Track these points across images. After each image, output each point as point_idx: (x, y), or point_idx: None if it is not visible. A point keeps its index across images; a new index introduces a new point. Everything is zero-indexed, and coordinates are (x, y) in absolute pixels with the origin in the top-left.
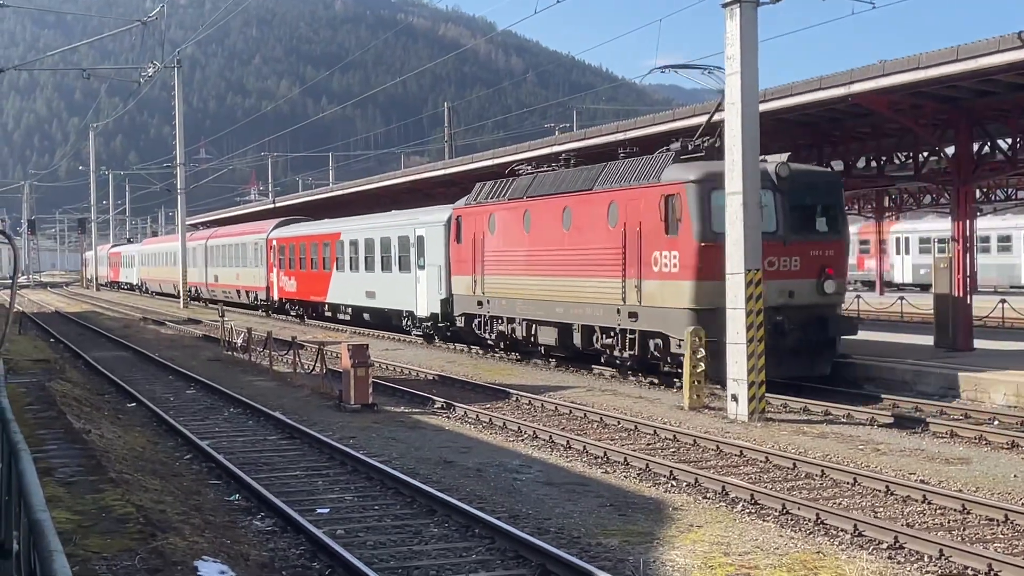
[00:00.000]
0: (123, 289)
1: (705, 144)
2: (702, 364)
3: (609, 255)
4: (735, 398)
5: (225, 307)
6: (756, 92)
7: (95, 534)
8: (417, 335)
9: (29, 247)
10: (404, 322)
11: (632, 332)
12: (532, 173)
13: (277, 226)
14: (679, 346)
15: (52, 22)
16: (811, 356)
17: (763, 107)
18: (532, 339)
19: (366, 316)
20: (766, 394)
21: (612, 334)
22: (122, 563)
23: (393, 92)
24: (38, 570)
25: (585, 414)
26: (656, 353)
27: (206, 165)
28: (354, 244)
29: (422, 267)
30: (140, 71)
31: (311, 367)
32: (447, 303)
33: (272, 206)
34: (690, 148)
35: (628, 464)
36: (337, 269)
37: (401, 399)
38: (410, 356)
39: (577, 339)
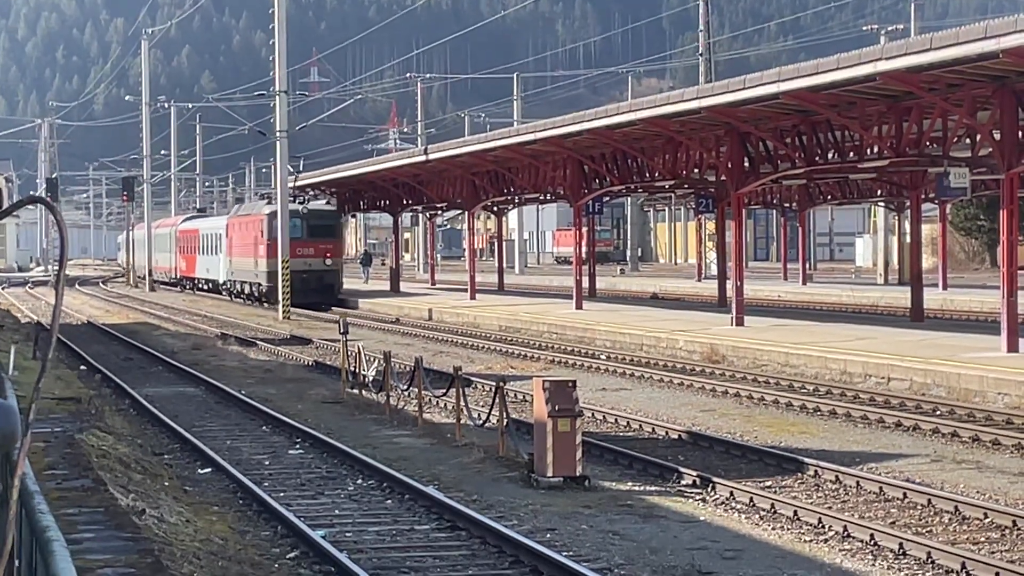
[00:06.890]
0: (200, 291)
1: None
2: None
3: (253, 246)
4: None
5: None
6: None
7: None
8: (222, 296)
9: (47, 222)
10: (220, 288)
11: (256, 284)
12: (264, 201)
13: (183, 220)
14: (262, 288)
15: None
16: (321, 294)
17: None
18: (240, 291)
19: (208, 285)
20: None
21: (253, 286)
22: None
23: None
24: None
25: (930, 500)
26: (257, 292)
27: (321, 94)
28: (203, 236)
29: (221, 251)
30: None
31: (483, 416)
32: (227, 274)
33: (424, 158)
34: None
35: None
36: (199, 253)
37: (626, 469)
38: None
39: (250, 291)
